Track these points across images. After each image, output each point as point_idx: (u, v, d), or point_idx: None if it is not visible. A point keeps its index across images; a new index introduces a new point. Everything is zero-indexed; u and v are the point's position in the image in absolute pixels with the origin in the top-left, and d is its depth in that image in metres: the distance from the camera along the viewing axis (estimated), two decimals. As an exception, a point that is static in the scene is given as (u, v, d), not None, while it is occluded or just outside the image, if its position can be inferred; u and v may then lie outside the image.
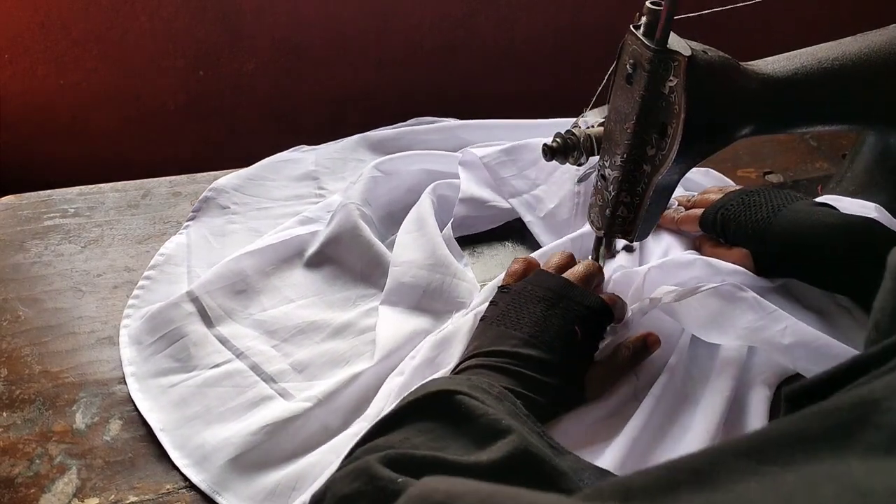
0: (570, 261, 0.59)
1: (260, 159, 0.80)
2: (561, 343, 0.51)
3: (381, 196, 0.73)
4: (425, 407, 0.41)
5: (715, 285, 0.55)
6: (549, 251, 0.66)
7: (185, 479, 0.50)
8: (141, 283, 0.65)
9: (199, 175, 0.78)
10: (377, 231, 0.70)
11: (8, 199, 0.73)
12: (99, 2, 0.81)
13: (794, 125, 0.62)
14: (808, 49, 0.59)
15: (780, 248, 0.59)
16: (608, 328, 0.57)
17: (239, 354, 0.58)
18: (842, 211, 0.61)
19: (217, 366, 0.57)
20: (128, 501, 0.49)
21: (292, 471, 0.51)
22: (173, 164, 0.85)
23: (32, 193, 0.74)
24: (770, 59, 0.58)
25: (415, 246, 0.65)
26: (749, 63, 0.56)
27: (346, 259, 0.67)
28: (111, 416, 0.54)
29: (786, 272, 0.61)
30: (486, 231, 0.73)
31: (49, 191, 0.74)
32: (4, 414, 0.53)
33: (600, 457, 0.48)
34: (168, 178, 0.77)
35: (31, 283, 0.64)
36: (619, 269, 0.63)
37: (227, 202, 0.74)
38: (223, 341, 0.59)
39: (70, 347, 0.59)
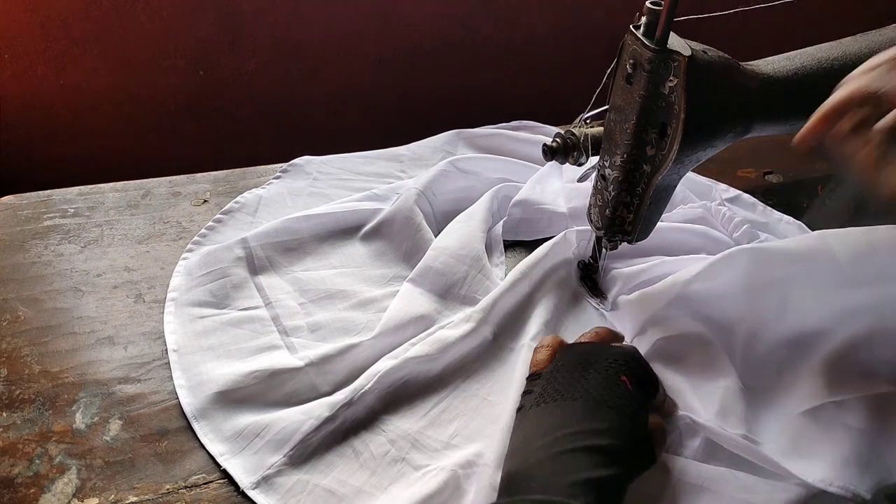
0: (598, 336, 0.54)
1: (260, 159, 0.80)
2: (611, 397, 0.46)
3: (449, 191, 0.74)
4: None
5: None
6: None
7: (185, 478, 0.50)
8: (210, 223, 0.71)
9: (199, 175, 0.78)
10: (434, 220, 0.72)
11: (8, 199, 0.73)
12: (99, 2, 0.81)
13: (794, 125, 0.62)
14: (808, 49, 0.59)
15: None
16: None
17: (267, 304, 0.63)
18: None
19: (245, 309, 0.62)
20: (128, 501, 0.49)
21: (263, 419, 0.53)
22: (173, 164, 0.85)
23: (32, 193, 0.74)
24: (770, 59, 0.58)
25: (455, 235, 0.67)
26: (749, 63, 0.56)
27: (394, 239, 0.70)
28: (111, 416, 0.54)
29: None
30: (537, 239, 0.71)
31: (49, 191, 0.74)
32: (4, 414, 0.53)
33: None
34: (168, 178, 0.77)
35: (31, 283, 0.64)
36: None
37: (312, 170, 0.79)
38: (259, 289, 0.64)
39: (70, 347, 0.59)
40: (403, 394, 0.56)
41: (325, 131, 1.00)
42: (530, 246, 0.69)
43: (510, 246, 0.72)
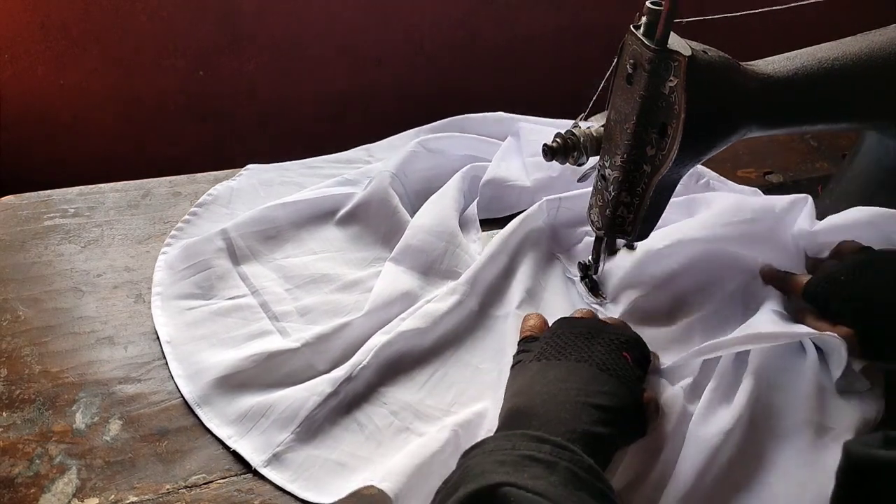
0: (593, 315, 0.58)
1: (260, 159, 0.80)
2: (615, 366, 0.49)
3: (419, 171, 0.76)
4: None
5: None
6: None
7: (185, 478, 0.50)
8: (186, 217, 0.72)
9: (199, 175, 0.78)
10: (408, 201, 0.73)
11: (8, 199, 0.73)
12: (99, 2, 0.81)
13: (794, 125, 0.62)
14: (808, 49, 0.59)
15: (886, 324, 0.54)
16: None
17: (254, 291, 0.64)
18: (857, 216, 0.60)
19: (232, 298, 0.63)
20: (128, 501, 0.49)
21: (266, 400, 0.54)
22: (173, 164, 0.85)
23: (32, 193, 0.74)
24: (770, 59, 0.58)
25: (430, 214, 0.70)
26: (749, 63, 0.56)
27: (372, 222, 0.71)
28: (111, 416, 0.54)
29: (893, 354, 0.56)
30: (509, 215, 0.74)
31: (49, 191, 0.74)
32: (4, 414, 0.53)
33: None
34: (168, 178, 0.77)
35: (31, 283, 0.64)
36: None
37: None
38: (243, 278, 0.65)
39: (70, 347, 0.59)
40: (399, 367, 0.58)
41: (325, 131, 1.00)
42: (503, 222, 0.71)
43: (484, 223, 0.74)
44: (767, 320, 0.58)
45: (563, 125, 0.81)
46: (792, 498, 0.49)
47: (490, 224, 0.75)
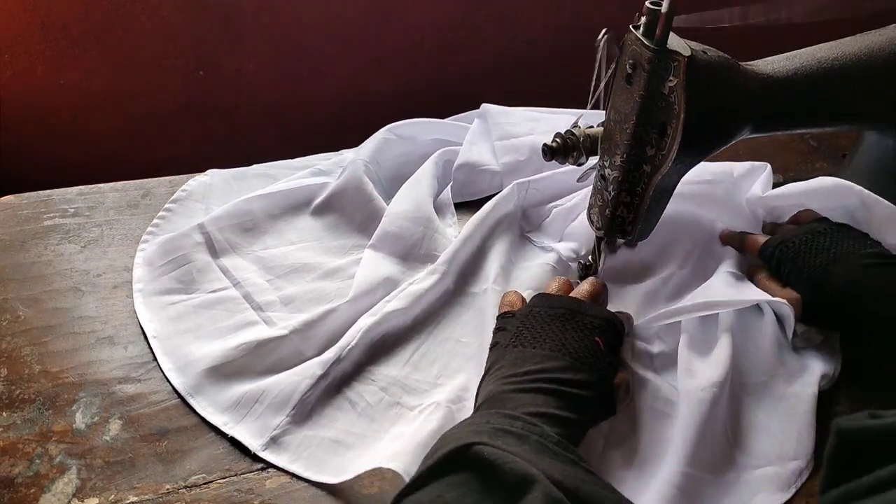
0: (569, 285, 0.59)
1: (260, 159, 0.80)
2: (586, 355, 0.50)
3: (391, 157, 0.77)
4: (451, 462, 0.40)
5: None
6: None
7: (185, 478, 0.50)
8: (162, 213, 0.72)
9: (198, 175, 0.78)
10: (382, 188, 0.75)
11: (8, 199, 0.73)
12: (99, 2, 0.81)
13: (794, 125, 0.62)
14: (808, 49, 0.59)
15: (832, 302, 0.57)
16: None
17: (235, 284, 0.64)
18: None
19: (214, 291, 0.64)
20: (127, 501, 0.49)
21: (258, 386, 0.55)
22: (173, 164, 0.85)
23: (32, 193, 0.74)
24: (770, 59, 0.58)
25: (406, 200, 0.71)
26: (749, 63, 0.56)
27: (348, 210, 0.72)
28: (111, 416, 0.54)
29: (834, 326, 0.59)
30: (483, 198, 0.75)
31: (49, 191, 0.74)
32: (4, 414, 0.53)
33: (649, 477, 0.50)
34: (168, 178, 0.77)
35: (31, 283, 0.64)
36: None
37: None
38: (224, 271, 0.65)
39: (70, 347, 0.59)
40: (384, 345, 0.60)
41: (325, 131, 1.00)
42: (476, 205, 0.73)
43: (458, 207, 0.76)
44: (722, 283, 0.61)
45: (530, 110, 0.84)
46: (776, 450, 0.52)
47: (464, 208, 0.76)
